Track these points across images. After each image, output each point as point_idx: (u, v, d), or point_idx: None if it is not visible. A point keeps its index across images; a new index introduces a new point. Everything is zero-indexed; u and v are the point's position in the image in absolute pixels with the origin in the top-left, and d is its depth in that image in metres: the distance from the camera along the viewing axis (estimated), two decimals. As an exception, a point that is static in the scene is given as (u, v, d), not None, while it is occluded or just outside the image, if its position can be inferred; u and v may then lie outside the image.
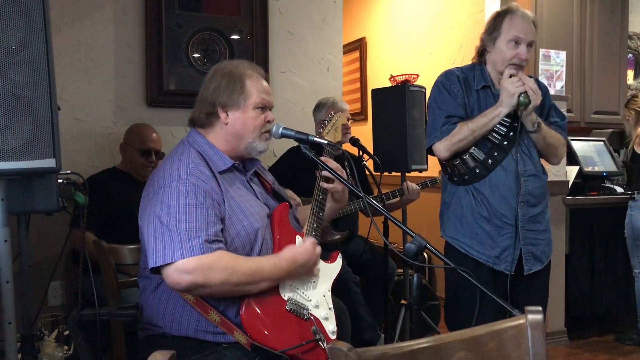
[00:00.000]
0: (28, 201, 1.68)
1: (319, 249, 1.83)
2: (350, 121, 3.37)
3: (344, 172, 1.95)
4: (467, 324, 1.30)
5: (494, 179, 2.29)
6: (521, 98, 2.19)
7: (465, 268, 2.23)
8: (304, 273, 1.80)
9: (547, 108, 2.44)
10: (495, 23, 2.29)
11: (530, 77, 2.31)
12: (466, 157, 2.31)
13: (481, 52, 2.38)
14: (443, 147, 2.30)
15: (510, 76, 2.25)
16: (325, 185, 1.95)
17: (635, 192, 3.70)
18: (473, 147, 2.30)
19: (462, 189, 2.36)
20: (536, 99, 2.22)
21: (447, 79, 2.36)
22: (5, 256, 1.57)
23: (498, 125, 2.27)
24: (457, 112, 2.31)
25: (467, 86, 2.35)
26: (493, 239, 2.30)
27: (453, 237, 2.39)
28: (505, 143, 2.28)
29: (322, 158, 1.91)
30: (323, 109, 3.31)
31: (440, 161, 2.45)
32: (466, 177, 2.34)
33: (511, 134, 2.28)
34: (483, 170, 2.30)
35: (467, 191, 2.35)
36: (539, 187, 2.35)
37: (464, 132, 2.26)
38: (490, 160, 2.29)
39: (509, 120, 2.27)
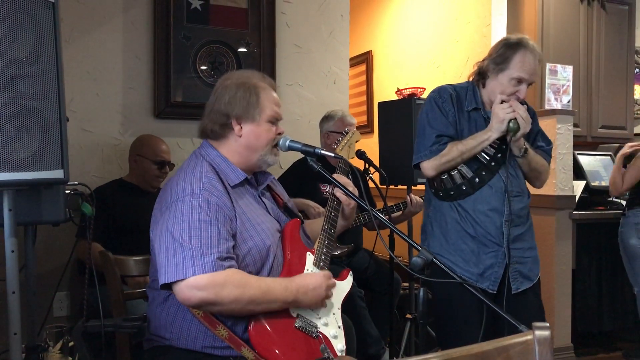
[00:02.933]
0: (35, 212, 1.69)
1: (332, 281, 1.82)
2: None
3: (356, 189, 1.94)
4: (459, 341, 1.29)
5: (479, 197, 2.28)
6: (511, 124, 2.19)
7: (449, 285, 2.19)
8: (313, 300, 1.76)
9: (534, 132, 2.43)
10: (506, 55, 2.24)
11: (522, 103, 2.29)
12: (454, 173, 2.31)
13: (481, 74, 2.35)
14: (431, 166, 2.30)
15: (502, 102, 2.24)
16: (339, 194, 1.94)
17: (626, 208, 3.68)
18: (462, 165, 2.29)
19: (447, 204, 2.35)
20: (525, 127, 2.22)
21: (439, 97, 2.34)
22: (12, 266, 1.58)
23: (487, 146, 2.27)
24: (448, 131, 2.30)
25: (459, 105, 2.34)
26: (477, 256, 2.28)
27: (437, 254, 2.34)
28: (493, 164, 2.28)
29: (334, 175, 1.91)
30: (331, 121, 3.32)
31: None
32: (452, 193, 2.32)
33: (499, 155, 2.27)
34: (469, 188, 2.29)
35: (451, 207, 2.33)
36: (524, 208, 2.35)
37: (452, 153, 2.26)
38: (477, 179, 2.29)
39: (497, 142, 2.27)
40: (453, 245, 2.31)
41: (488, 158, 2.28)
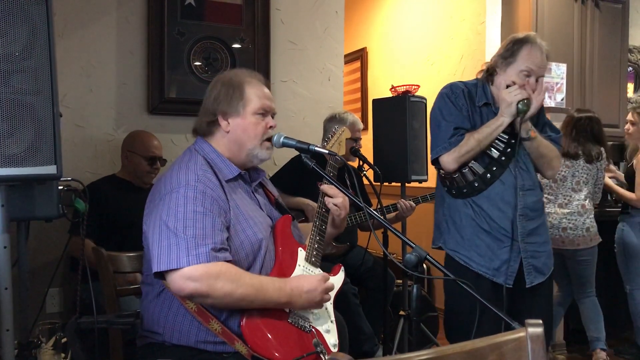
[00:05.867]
0: (28, 207, 1.68)
1: (329, 283, 1.81)
2: (360, 139, 3.35)
3: (346, 198, 1.94)
4: (466, 336, 1.30)
5: (492, 193, 2.31)
6: (520, 105, 2.23)
7: (466, 280, 2.26)
8: (308, 302, 1.76)
9: (541, 124, 2.45)
10: (513, 49, 2.29)
11: None
12: (465, 170, 2.33)
13: (490, 72, 2.38)
14: (452, 159, 2.30)
15: (507, 86, 2.28)
16: (330, 206, 1.94)
17: (630, 207, 3.69)
18: (473, 161, 2.32)
19: (461, 201, 2.37)
20: (536, 102, 2.24)
21: (452, 92, 2.37)
22: (5, 262, 1.57)
23: (496, 142, 2.30)
24: (464, 125, 2.33)
25: (471, 100, 2.37)
26: (493, 251, 2.31)
27: (453, 250, 2.39)
28: (503, 158, 2.31)
29: (322, 187, 1.93)
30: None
31: (439, 174, 2.46)
32: (465, 191, 2.35)
33: (509, 150, 2.30)
34: (481, 185, 2.32)
35: (465, 204, 2.36)
36: (537, 202, 2.37)
37: (471, 143, 2.28)
38: (488, 175, 2.31)
39: (506, 137, 2.30)
40: (468, 241, 2.34)
41: (498, 153, 2.31)
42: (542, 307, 2.38)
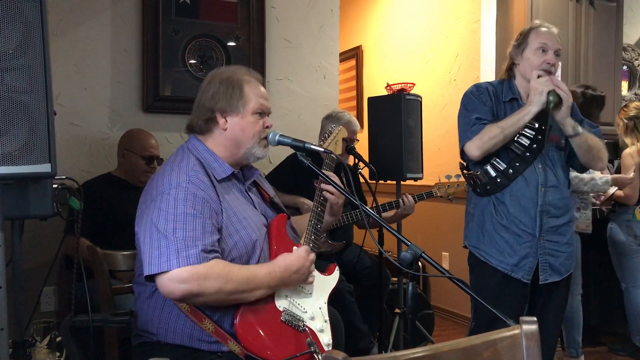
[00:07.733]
0: (22, 206, 1.67)
1: (312, 256, 1.82)
2: (355, 140, 3.34)
3: (340, 184, 1.95)
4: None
5: (515, 188, 2.34)
6: (550, 97, 2.23)
7: (486, 276, 2.36)
8: (298, 281, 1.78)
9: (577, 121, 2.45)
10: (523, 36, 2.40)
11: None
12: (487, 166, 2.37)
13: (510, 67, 2.45)
14: (475, 146, 2.33)
15: (539, 77, 2.30)
16: (326, 192, 1.94)
17: (617, 205, 3.70)
18: (495, 157, 2.35)
19: (485, 199, 2.42)
20: (567, 99, 2.26)
21: (476, 89, 2.45)
22: (-1, 261, 1.56)
23: (521, 137, 2.32)
24: (487, 117, 2.37)
25: (496, 98, 2.42)
26: (512, 246, 2.34)
27: (475, 246, 2.45)
28: (527, 154, 2.32)
29: (324, 171, 1.92)
30: (336, 122, 3.18)
31: (464, 174, 2.52)
32: (488, 187, 2.39)
33: (534, 145, 2.32)
34: (504, 180, 2.35)
35: (489, 201, 2.41)
36: (561, 199, 2.37)
37: (494, 130, 2.30)
38: (511, 170, 2.34)
39: (532, 133, 2.31)
40: (488, 238, 2.39)
41: (522, 149, 2.32)
42: (555, 307, 2.41)
